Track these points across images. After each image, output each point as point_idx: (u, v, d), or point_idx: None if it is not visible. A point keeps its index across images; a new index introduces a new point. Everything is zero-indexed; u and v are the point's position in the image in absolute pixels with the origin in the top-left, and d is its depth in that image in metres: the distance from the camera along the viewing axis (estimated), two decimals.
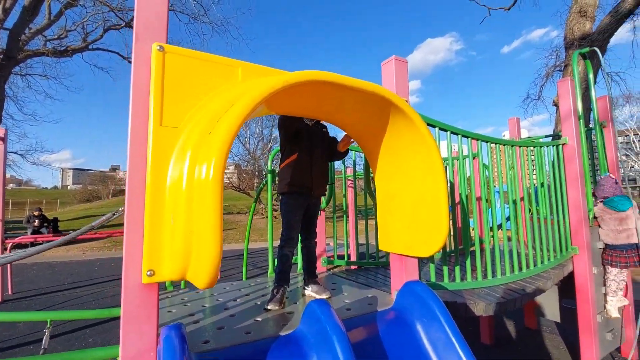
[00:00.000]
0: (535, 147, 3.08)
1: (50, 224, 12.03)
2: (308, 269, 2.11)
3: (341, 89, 1.23)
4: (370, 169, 2.59)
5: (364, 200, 3.16)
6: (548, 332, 3.98)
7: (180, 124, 1.16)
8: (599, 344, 2.90)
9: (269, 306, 1.76)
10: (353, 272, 2.79)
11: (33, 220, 11.32)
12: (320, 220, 2.60)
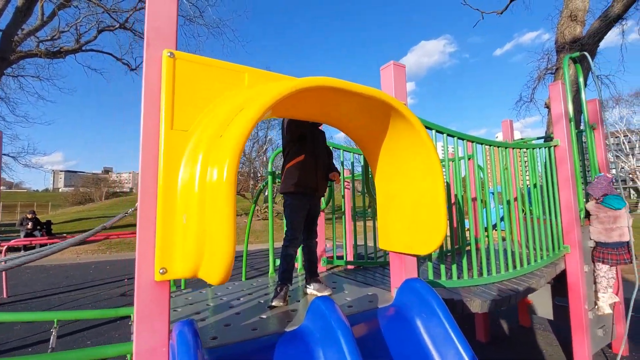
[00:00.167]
0: (528, 149, 3.17)
1: (43, 227, 11.94)
2: (309, 268, 2.15)
3: (345, 94, 1.28)
4: (369, 171, 2.65)
5: (362, 201, 3.22)
6: (541, 330, 4.06)
7: (190, 128, 1.20)
8: (591, 340, 2.98)
9: (274, 303, 1.80)
10: (352, 272, 2.84)
11: (26, 223, 11.22)
12: (320, 220, 2.66)
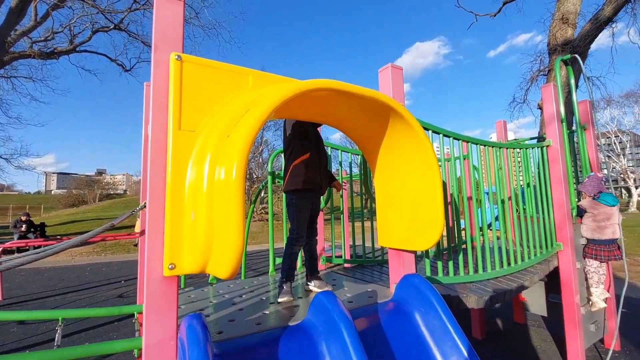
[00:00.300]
0: (521, 149, 3.25)
1: (37, 229, 11.85)
2: (310, 266, 2.19)
3: (346, 96, 1.33)
4: (368, 170, 2.71)
5: (360, 202, 3.28)
6: (536, 327, 4.14)
7: (197, 128, 1.24)
8: (584, 336, 3.06)
9: (285, 298, 1.84)
10: (350, 270, 2.89)
11: (20, 225, 11.11)
12: (319, 219, 2.71)
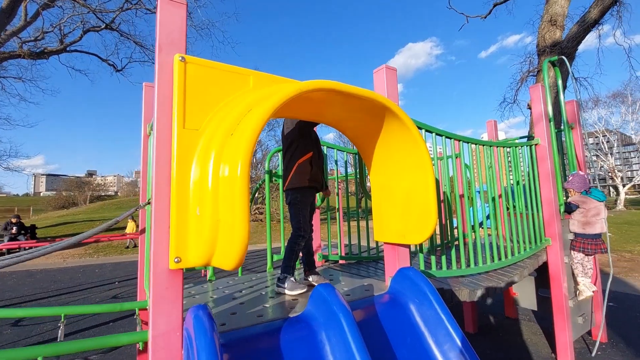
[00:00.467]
0: (511, 148, 3.35)
1: (28, 232, 11.69)
2: (308, 261, 2.25)
3: (343, 96, 1.39)
4: (364, 168, 2.77)
5: (356, 201, 3.34)
6: (526, 320, 4.26)
7: (200, 127, 1.29)
8: (572, 327, 3.17)
9: (296, 291, 1.89)
10: (346, 266, 2.95)
11: (10, 227, 10.95)
12: (315, 217, 2.77)
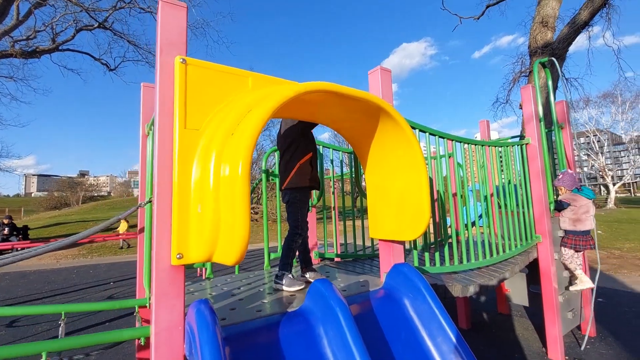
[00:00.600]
0: (502, 147, 3.42)
1: (20, 232, 11.58)
2: (305, 258, 2.29)
3: (340, 97, 1.44)
4: (360, 167, 2.82)
5: (352, 200, 3.40)
6: (518, 316, 4.35)
7: (201, 127, 1.33)
8: (562, 322, 3.25)
9: (295, 287, 1.94)
10: (342, 264, 3.00)
11: (2, 228, 10.84)
12: (312, 216, 2.82)
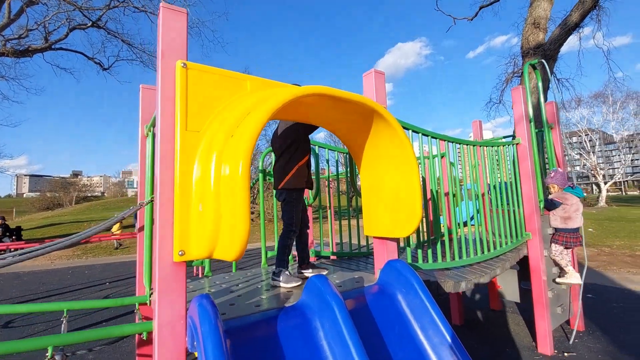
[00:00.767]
0: (493, 147, 3.51)
1: (13, 233, 11.48)
2: (302, 256, 2.35)
3: (335, 100, 1.50)
4: (355, 167, 2.89)
5: (347, 200, 3.46)
6: (510, 312, 4.45)
7: (201, 129, 1.38)
8: (551, 317, 3.35)
9: (292, 284, 2.00)
10: (338, 261, 3.07)
11: None
12: (308, 214, 2.88)
